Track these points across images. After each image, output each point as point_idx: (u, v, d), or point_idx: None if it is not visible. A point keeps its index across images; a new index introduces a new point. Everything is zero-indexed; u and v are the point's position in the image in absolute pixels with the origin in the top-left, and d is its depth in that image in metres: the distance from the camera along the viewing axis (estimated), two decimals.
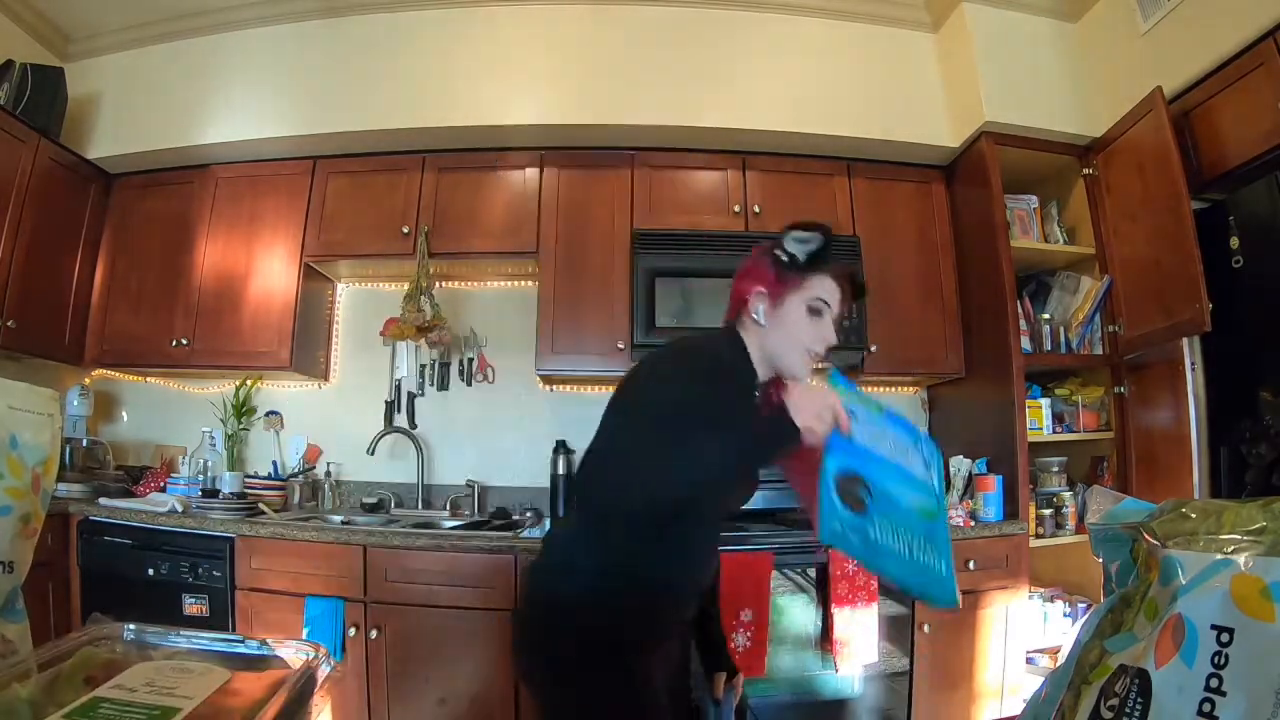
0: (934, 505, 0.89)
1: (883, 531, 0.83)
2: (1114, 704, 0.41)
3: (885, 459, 0.90)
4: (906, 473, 0.90)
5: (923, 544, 0.84)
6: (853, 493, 0.84)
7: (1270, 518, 0.39)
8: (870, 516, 0.83)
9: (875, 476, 0.87)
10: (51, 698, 0.46)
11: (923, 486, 0.90)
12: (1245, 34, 1.88)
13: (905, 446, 0.93)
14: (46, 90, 2.45)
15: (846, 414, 0.90)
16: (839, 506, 0.82)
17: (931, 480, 0.93)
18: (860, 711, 1.98)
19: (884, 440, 0.92)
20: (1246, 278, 1.96)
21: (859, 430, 0.90)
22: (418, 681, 1.90)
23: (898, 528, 0.83)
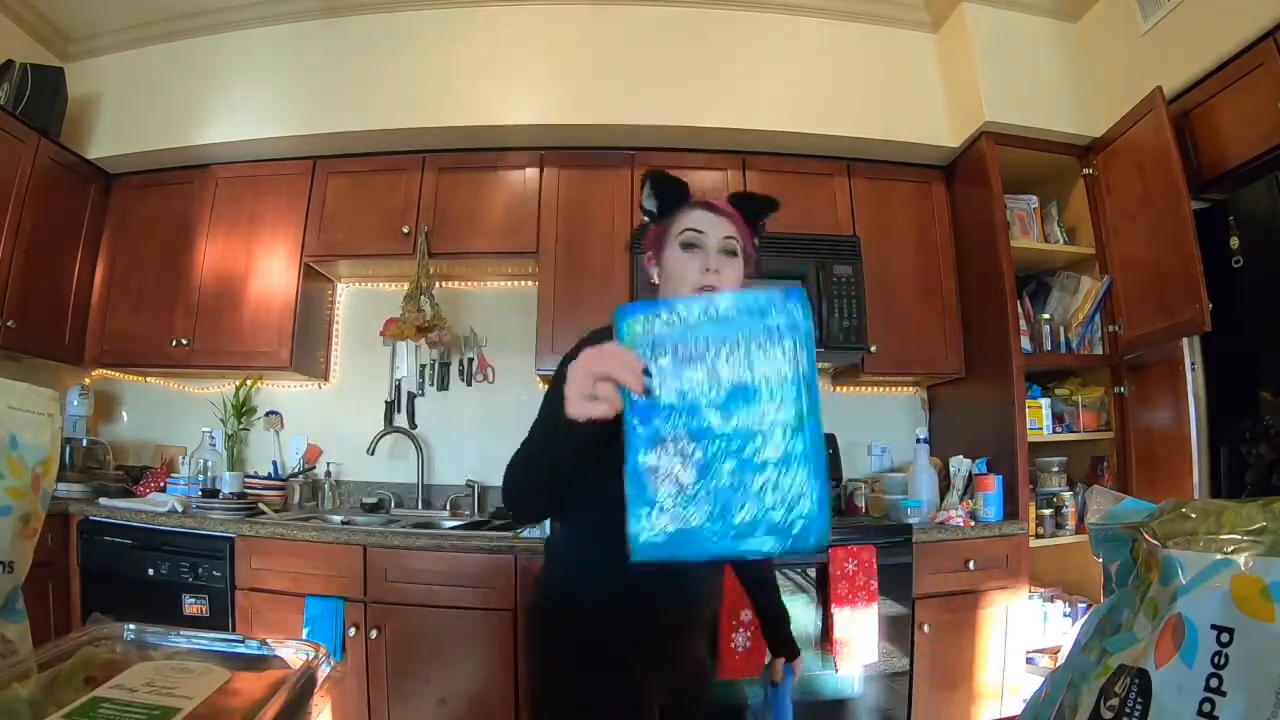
0: (802, 402, 0.66)
1: (718, 495, 0.64)
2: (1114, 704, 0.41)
3: (714, 393, 0.67)
4: (749, 385, 0.66)
5: (780, 477, 0.64)
6: (669, 468, 0.64)
7: (1270, 518, 0.39)
8: (700, 484, 0.64)
9: (702, 423, 0.65)
10: (51, 698, 0.46)
11: (781, 388, 0.66)
12: (1245, 34, 1.88)
13: (753, 337, 0.68)
14: (46, 90, 2.46)
15: (637, 363, 0.66)
16: (652, 494, 0.63)
17: (795, 366, 0.67)
18: (860, 711, 1.98)
19: (719, 351, 0.67)
20: (1246, 278, 1.96)
21: (675, 367, 0.67)
22: (418, 681, 1.90)
23: (743, 475, 0.64)
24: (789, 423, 0.65)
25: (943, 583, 2.05)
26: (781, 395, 0.66)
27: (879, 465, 2.73)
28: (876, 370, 2.47)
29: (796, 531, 0.63)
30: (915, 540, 2.04)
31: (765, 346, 0.67)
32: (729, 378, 0.67)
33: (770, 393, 0.66)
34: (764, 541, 0.63)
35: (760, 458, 0.64)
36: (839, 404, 2.78)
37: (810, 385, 0.67)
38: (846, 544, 1.95)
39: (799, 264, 2.34)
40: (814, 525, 0.63)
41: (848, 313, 2.33)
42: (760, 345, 0.67)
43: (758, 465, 0.64)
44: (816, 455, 0.65)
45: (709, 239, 1.03)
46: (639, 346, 0.68)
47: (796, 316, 0.68)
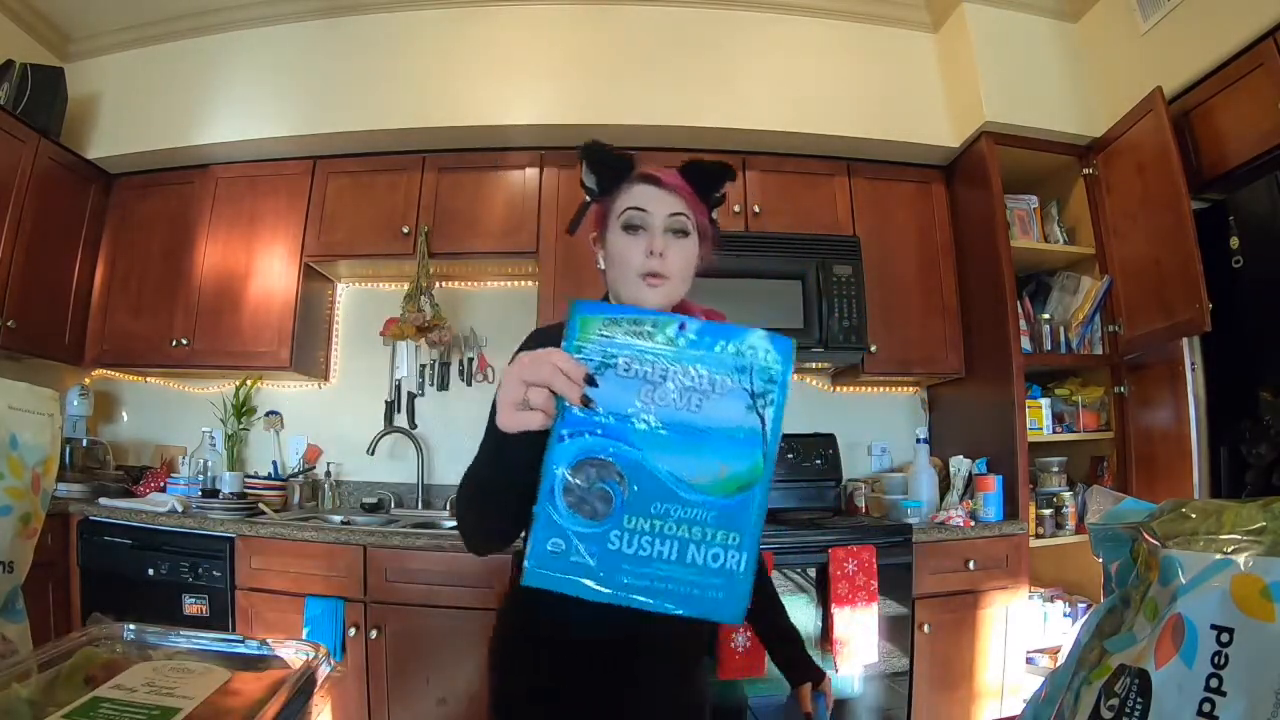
0: (754, 464, 0.58)
1: (635, 536, 0.56)
2: (1114, 704, 0.41)
3: (656, 424, 0.59)
4: (699, 427, 0.58)
5: (708, 533, 0.57)
6: (589, 492, 0.57)
7: (1270, 518, 0.39)
8: (617, 517, 0.56)
9: (635, 453, 0.58)
10: (51, 698, 0.46)
11: (733, 441, 0.58)
12: (1245, 34, 1.88)
13: (716, 378, 0.59)
14: (46, 90, 2.46)
15: (579, 370, 0.58)
16: (562, 515, 0.56)
17: (758, 422, 0.59)
18: (860, 711, 1.98)
19: (677, 381, 0.59)
20: (1246, 278, 1.96)
21: (623, 385, 0.59)
22: (418, 681, 1.90)
23: (667, 520, 0.57)
24: (734, 482, 0.58)
25: (943, 583, 2.05)
26: (734, 450, 0.58)
27: (879, 465, 2.73)
28: (876, 370, 2.47)
29: (707, 605, 0.56)
30: (915, 540, 2.04)
31: (731, 391, 0.59)
32: (680, 414, 0.59)
33: (722, 444, 0.58)
34: (667, 604, 0.56)
35: (691, 511, 0.57)
36: (839, 404, 2.78)
37: (770, 450, 0.58)
38: (846, 544, 1.95)
39: (799, 264, 2.34)
40: (729, 602, 0.56)
41: (848, 313, 2.33)
42: (726, 388, 0.59)
43: (687, 518, 0.57)
44: (754, 526, 0.57)
45: (653, 218, 0.92)
46: (589, 350, 0.59)
47: (775, 367, 0.60)
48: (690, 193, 0.94)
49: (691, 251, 0.94)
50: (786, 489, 2.38)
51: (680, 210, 0.92)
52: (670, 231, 0.92)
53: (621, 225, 0.92)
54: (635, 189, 0.93)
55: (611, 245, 0.94)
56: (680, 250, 0.92)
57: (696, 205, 0.94)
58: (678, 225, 0.92)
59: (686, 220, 0.93)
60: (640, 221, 0.92)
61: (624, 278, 0.93)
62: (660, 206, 0.92)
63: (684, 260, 0.93)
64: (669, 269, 0.91)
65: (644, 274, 0.91)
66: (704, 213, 0.96)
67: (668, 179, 0.93)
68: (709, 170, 0.97)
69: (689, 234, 0.93)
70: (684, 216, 0.92)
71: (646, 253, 0.90)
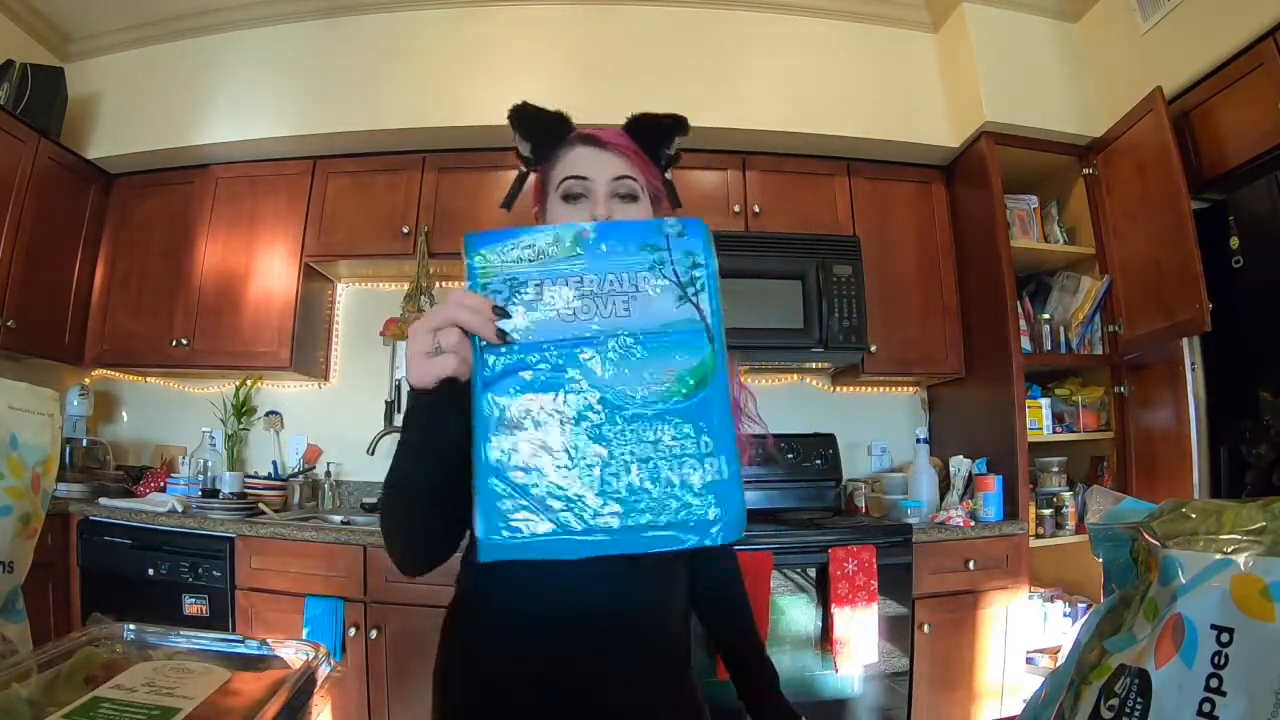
0: (702, 357, 0.52)
1: (595, 470, 0.49)
2: (1114, 704, 0.41)
3: (583, 339, 0.52)
4: (632, 332, 0.52)
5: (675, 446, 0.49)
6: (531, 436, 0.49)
7: (1270, 518, 0.39)
8: (569, 455, 0.50)
9: (571, 380, 0.51)
10: (51, 698, 0.46)
11: (673, 337, 0.52)
12: (1245, 34, 1.88)
13: (637, 276, 0.54)
14: (46, 90, 2.45)
15: (485, 302, 0.52)
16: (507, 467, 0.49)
17: (694, 311, 0.53)
18: (860, 711, 1.98)
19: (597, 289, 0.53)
20: (1246, 278, 1.96)
21: (539, 311, 0.53)
22: (418, 681, 1.90)
23: (625, 444, 0.49)
24: (686, 381, 0.51)
25: (943, 583, 2.05)
26: (677, 346, 0.52)
27: (879, 465, 2.73)
28: (876, 370, 2.47)
29: (700, 528, 0.48)
30: (915, 540, 2.04)
31: (656, 287, 0.54)
32: (608, 324, 0.52)
33: (661, 344, 0.52)
34: (654, 541, 0.48)
35: (650, 427, 0.50)
36: (839, 404, 2.78)
37: (716, 336, 0.53)
38: (846, 544, 1.95)
39: (799, 264, 2.34)
40: (725, 518, 0.48)
41: (848, 313, 2.33)
42: (650, 285, 0.53)
43: (647, 436, 0.50)
44: (723, 426, 0.50)
45: (594, 184, 0.80)
46: (494, 284, 0.53)
47: (696, 251, 0.55)
48: (636, 152, 0.83)
49: (642, 217, 0.82)
50: (786, 489, 2.38)
51: (626, 173, 0.81)
52: (616, 196, 0.81)
53: (560, 196, 0.82)
54: (573, 153, 0.83)
55: (552, 218, 0.84)
56: (629, 216, 0.82)
57: (645, 166, 0.83)
58: (624, 189, 0.81)
59: (635, 183, 0.82)
60: (580, 190, 0.81)
61: None
62: (602, 170, 0.81)
63: None
64: None
65: None
66: (655, 174, 0.85)
67: (609, 138, 0.82)
68: (658, 124, 0.85)
69: (638, 198, 0.82)
70: (631, 179, 0.82)
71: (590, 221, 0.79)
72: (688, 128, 0.86)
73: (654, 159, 0.85)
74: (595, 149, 0.82)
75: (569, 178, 0.81)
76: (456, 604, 0.85)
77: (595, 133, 0.83)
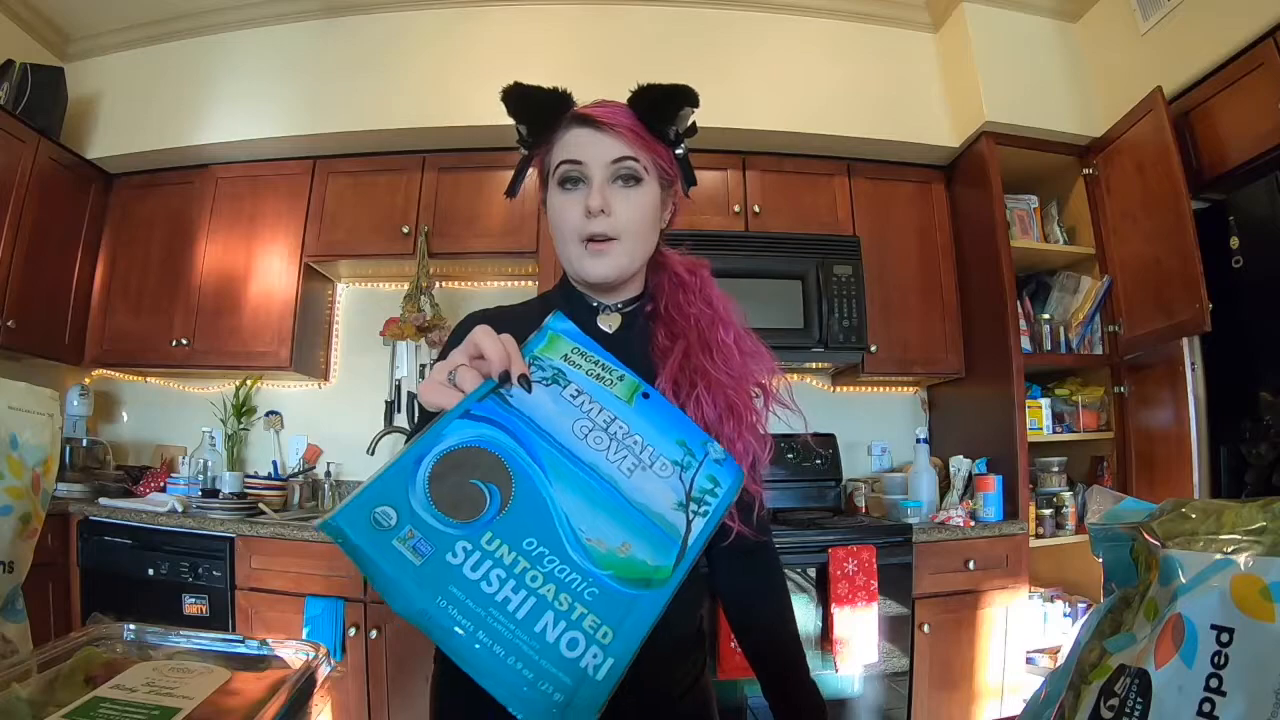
0: (661, 564, 0.47)
1: (487, 563, 0.43)
2: (1114, 704, 0.41)
3: (576, 458, 0.49)
4: (621, 492, 0.49)
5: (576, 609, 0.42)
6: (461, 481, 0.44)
7: (1270, 518, 0.39)
8: (477, 528, 0.43)
9: (539, 474, 0.47)
10: (51, 698, 0.46)
11: (650, 529, 0.48)
12: (1245, 34, 1.88)
13: (658, 458, 0.52)
14: (46, 90, 2.46)
15: (521, 364, 0.51)
16: (415, 489, 0.43)
17: (683, 526, 0.49)
18: (860, 711, 1.98)
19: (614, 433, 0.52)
20: (1246, 278, 1.96)
21: (555, 407, 0.51)
22: (418, 681, 1.90)
23: (536, 567, 0.43)
24: (633, 569, 0.45)
25: (943, 583, 2.05)
26: (648, 538, 0.47)
27: (879, 465, 2.73)
28: (876, 370, 2.47)
29: (532, 699, 0.39)
30: (915, 540, 2.04)
31: (667, 479, 0.51)
32: (607, 467, 0.49)
33: (637, 523, 0.48)
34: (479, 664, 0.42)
35: (569, 574, 0.43)
36: (839, 404, 2.78)
37: (684, 562, 0.47)
38: (846, 544, 1.95)
39: (799, 264, 2.34)
40: (565, 711, 0.39)
41: (848, 313, 2.33)
42: (664, 473, 0.51)
43: (560, 578, 0.43)
44: (634, 633, 0.43)
45: (590, 168, 0.75)
46: (544, 363, 0.53)
47: (720, 485, 0.52)
48: (639, 130, 0.76)
49: (648, 200, 0.77)
50: (786, 489, 2.38)
51: (626, 153, 0.75)
52: (616, 180, 0.75)
53: (557, 182, 0.77)
54: (569, 135, 0.77)
55: (549, 206, 0.79)
56: (632, 201, 0.75)
57: (649, 144, 0.76)
58: (626, 171, 0.75)
59: (637, 164, 0.75)
60: (576, 175, 0.75)
61: (564, 246, 0.77)
62: (599, 153, 0.75)
63: (638, 213, 0.76)
64: (617, 226, 0.74)
65: (584, 238, 0.75)
66: (663, 151, 0.78)
67: (607, 117, 0.75)
68: (664, 95, 0.76)
69: (641, 180, 0.76)
70: (633, 160, 0.75)
71: (585, 212, 0.74)
72: (696, 99, 0.77)
73: (660, 134, 0.77)
74: (591, 129, 0.76)
75: (564, 162, 0.76)
76: None
77: (592, 111, 0.77)
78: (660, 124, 0.77)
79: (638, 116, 0.76)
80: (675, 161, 0.80)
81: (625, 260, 0.77)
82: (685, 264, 0.84)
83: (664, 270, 0.84)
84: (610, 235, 0.75)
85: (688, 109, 0.78)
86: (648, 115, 0.77)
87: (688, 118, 0.79)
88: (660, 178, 0.79)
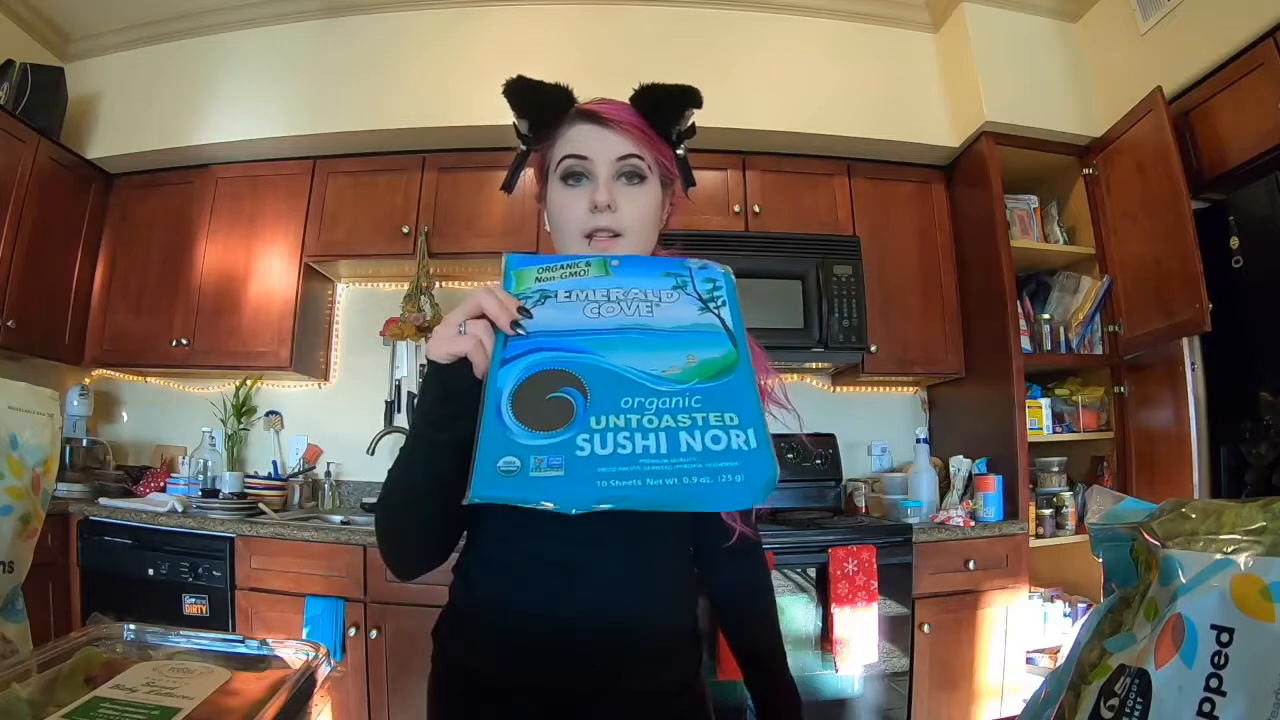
0: (725, 351, 0.54)
1: (609, 435, 0.48)
2: (1114, 704, 0.41)
3: (605, 329, 0.55)
4: (654, 328, 0.56)
5: (698, 418, 0.49)
6: (543, 401, 0.50)
7: (1270, 518, 0.39)
8: (582, 421, 0.49)
9: (589, 356, 0.53)
10: (51, 698, 0.46)
11: (695, 334, 0.55)
12: (1245, 34, 1.88)
13: (660, 292, 0.59)
14: (46, 90, 2.46)
15: (512, 300, 0.56)
16: (512, 430, 0.48)
17: (716, 320, 0.57)
18: (860, 711, 1.98)
19: (616, 298, 0.58)
20: (1246, 278, 1.96)
21: (560, 312, 0.57)
22: (417, 681, 1.89)
23: (645, 413, 0.49)
24: (709, 367, 0.53)
25: (943, 583, 2.05)
26: (699, 341, 0.55)
27: (879, 465, 2.73)
28: (876, 370, 2.47)
29: (723, 492, 0.46)
30: (915, 540, 2.04)
31: (678, 300, 0.59)
32: (631, 319, 0.56)
33: (683, 338, 0.55)
34: (669, 501, 0.46)
35: (671, 400, 0.50)
36: (839, 404, 2.78)
37: (739, 340, 0.55)
38: (846, 544, 1.95)
39: (799, 264, 2.34)
40: (751, 482, 0.46)
41: (848, 313, 2.33)
42: (672, 299, 0.59)
43: (668, 407, 0.50)
44: (751, 405, 0.50)
45: (596, 164, 0.75)
46: (525, 293, 0.59)
47: (715, 278, 0.61)
48: (644, 128, 0.76)
49: (651, 198, 0.77)
50: (786, 489, 2.38)
51: (631, 151, 0.75)
52: (620, 177, 0.76)
53: (560, 177, 0.77)
54: (573, 131, 0.77)
55: (550, 201, 0.78)
56: (636, 199, 0.76)
57: (654, 142, 0.77)
58: (630, 169, 0.76)
59: (641, 162, 0.76)
60: (581, 170, 0.76)
61: (566, 242, 0.77)
62: (605, 150, 0.75)
63: (642, 210, 0.76)
64: (622, 223, 0.75)
65: (589, 232, 0.75)
66: (665, 151, 0.79)
67: (613, 114, 0.76)
68: (668, 95, 0.78)
69: (645, 178, 0.77)
70: (637, 158, 0.76)
71: (591, 207, 0.74)
72: (700, 100, 0.78)
73: (663, 134, 0.78)
74: (597, 126, 0.76)
75: (568, 157, 0.76)
76: (447, 614, 0.83)
77: (597, 108, 0.77)
78: (664, 124, 0.78)
79: (642, 115, 0.77)
80: (675, 161, 0.81)
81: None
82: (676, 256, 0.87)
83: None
84: (616, 231, 0.75)
85: (692, 110, 0.80)
86: (652, 114, 0.78)
87: (689, 118, 0.81)
88: (662, 177, 0.79)
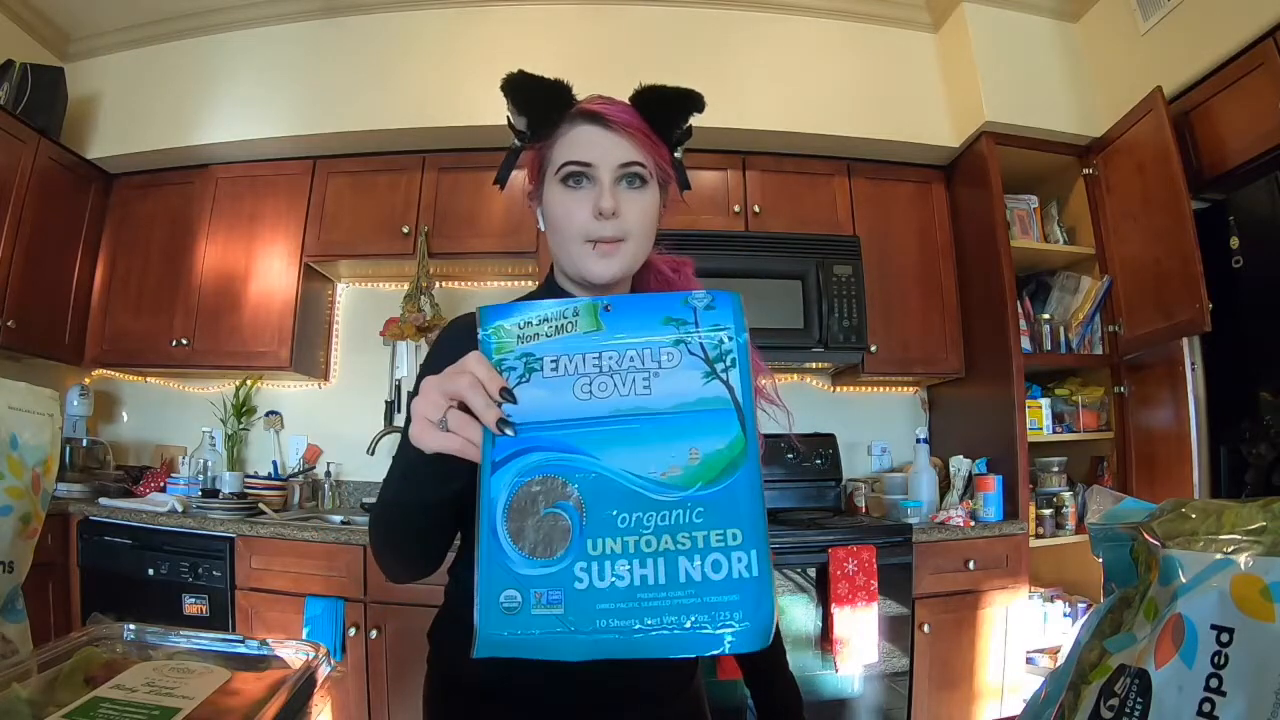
0: (731, 438, 0.47)
1: (606, 562, 0.44)
2: (1114, 704, 0.41)
3: (599, 416, 0.48)
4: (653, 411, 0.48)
5: (697, 538, 0.44)
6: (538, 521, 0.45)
7: (1270, 518, 0.39)
8: (578, 545, 0.45)
9: (584, 459, 0.47)
10: (51, 698, 0.46)
11: (699, 417, 0.47)
12: (1245, 34, 1.88)
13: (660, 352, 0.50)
14: (46, 90, 2.45)
15: (496, 382, 0.49)
16: (510, 558, 0.44)
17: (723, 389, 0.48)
18: (860, 711, 1.98)
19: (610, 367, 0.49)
20: (1246, 278, 1.96)
21: (549, 391, 0.49)
22: (417, 681, 1.90)
23: (641, 533, 0.45)
24: (712, 466, 0.46)
25: (943, 583, 2.05)
26: (702, 427, 0.47)
27: (879, 465, 2.73)
28: (876, 370, 2.47)
29: (718, 634, 0.42)
30: (915, 540, 2.04)
31: (680, 362, 0.49)
32: (627, 401, 0.48)
33: (685, 423, 0.47)
34: (666, 647, 0.42)
35: (669, 515, 0.45)
36: (839, 404, 2.78)
37: (747, 417, 0.47)
38: (846, 544, 1.95)
39: (799, 264, 2.34)
40: (750, 622, 0.42)
41: (848, 313, 2.33)
42: (674, 360, 0.49)
43: (666, 525, 0.45)
44: (753, 515, 0.44)
45: (599, 169, 0.73)
46: (509, 359, 0.50)
47: (725, 325, 0.50)
48: (647, 132, 0.75)
49: (652, 201, 0.76)
50: (786, 489, 2.38)
51: (634, 157, 0.74)
52: (623, 183, 0.74)
53: (560, 179, 0.74)
54: (575, 131, 0.75)
55: (549, 203, 0.76)
56: (638, 204, 0.74)
57: (654, 146, 0.76)
58: (632, 173, 0.74)
59: (644, 168, 0.74)
60: (583, 173, 0.74)
61: (566, 245, 0.75)
62: (608, 154, 0.73)
63: (644, 215, 0.75)
64: (626, 228, 0.73)
65: (591, 240, 0.73)
66: (665, 154, 0.77)
67: (617, 117, 0.74)
68: (670, 99, 0.77)
69: (647, 183, 0.75)
70: (640, 164, 0.74)
71: (594, 213, 0.72)
72: (703, 104, 0.78)
73: (663, 136, 0.77)
74: (601, 129, 0.74)
75: (571, 161, 0.74)
76: (442, 615, 0.83)
77: (600, 109, 0.75)
78: (666, 127, 0.77)
79: (643, 117, 0.76)
80: (672, 164, 0.80)
81: (629, 261, 0.76)
82: (669, 262, 0.85)
83: (649, 268, 0.84)
84: (618, 237, 0.73)
85: (693, 112, 0.79)
86: (654, 117, 0.76)
87: (688, 120, 0.80)
88: (660, 179, 0.78)
